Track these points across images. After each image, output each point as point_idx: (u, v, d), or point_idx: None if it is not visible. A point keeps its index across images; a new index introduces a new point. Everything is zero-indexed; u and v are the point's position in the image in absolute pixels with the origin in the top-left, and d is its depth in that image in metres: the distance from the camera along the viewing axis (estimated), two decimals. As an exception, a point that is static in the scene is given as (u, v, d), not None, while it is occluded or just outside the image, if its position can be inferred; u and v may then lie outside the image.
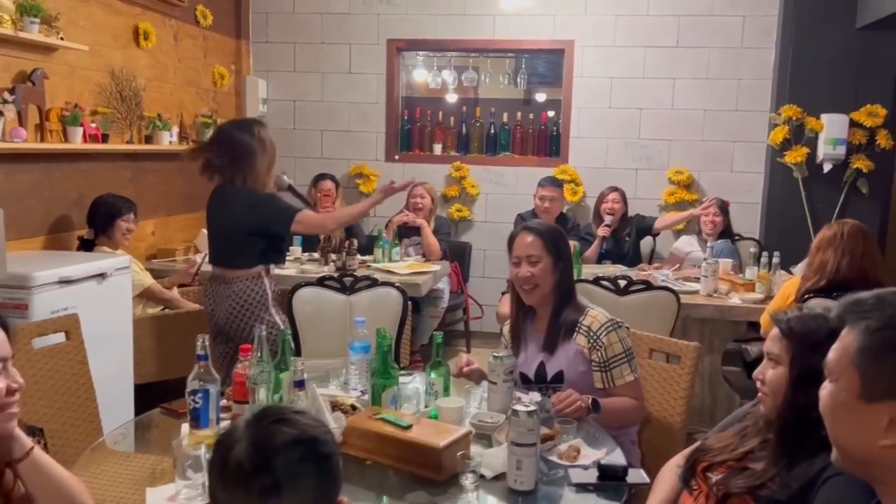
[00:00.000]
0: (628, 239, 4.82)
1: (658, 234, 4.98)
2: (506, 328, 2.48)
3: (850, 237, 2.90)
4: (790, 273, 4.17)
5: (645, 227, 4.93)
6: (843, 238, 2.89)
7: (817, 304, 2.73)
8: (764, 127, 5.14)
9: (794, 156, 4.90)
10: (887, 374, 0.99)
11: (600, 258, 4.67)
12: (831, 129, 4.81)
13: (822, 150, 4.84)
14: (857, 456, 1.06)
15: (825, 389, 1.10)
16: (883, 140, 4.77)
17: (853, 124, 4.82)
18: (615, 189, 4.87)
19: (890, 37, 4.75)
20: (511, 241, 2.35)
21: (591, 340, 2.22)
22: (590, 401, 2.07)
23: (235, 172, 2.91)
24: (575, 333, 2.25)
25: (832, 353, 1.09)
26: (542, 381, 2.28)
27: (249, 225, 2.89)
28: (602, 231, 4.71)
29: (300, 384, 1.80)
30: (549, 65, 5.82)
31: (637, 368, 2.23)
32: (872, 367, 1.01)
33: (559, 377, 2.24)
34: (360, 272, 3.94)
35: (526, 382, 2.33)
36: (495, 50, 5.64)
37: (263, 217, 2.89)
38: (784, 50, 4.96)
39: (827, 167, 4.90)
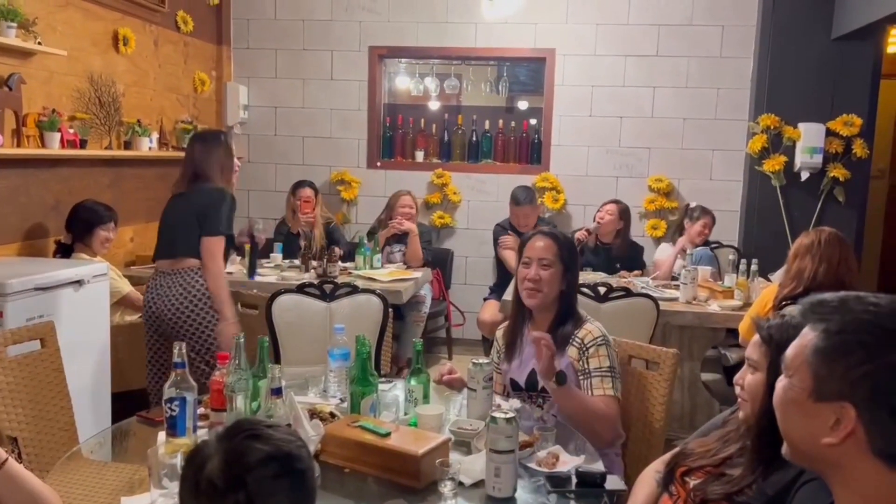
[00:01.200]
0: (618, 267, 4.62)
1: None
2: (499, 332, 2.48)
3: (827, 245, 2.93)
4: (769, 280, 4.21)
5: (639, 261, 4.81)
6: (821, 245, 2.92)
7: (794, 311, 2.75)
8: (742, 135, 5.20)
9: (773, 164, 4.96)
10: (838, 376, 1.02)
11: (582, 266, 4.65)
12: (808, 138, 4.88)
13: (800, 158, 4.91)
14: (804, 450, 1.10)
15: (780, 383, 1.13)
16: (859, 149, 4.84)
17: (830, 133, 4.89)
18: (616, 202, 4.80)
19: (865, 47, 4.83)
20: (524, 243, 2.37)
21: (581, 352, 2.22)
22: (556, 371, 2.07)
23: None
24: (568, 346, 2.25)
25: (791, 349, 1.11)
26: (532, 390, 2.29)
27: (187, 213, 3.06)
28: (580, 234, 4.68)
29: (277, 392, 1.79)
30: (531, 73, 5.85)
31: (619, 390, 2.20)
32: (825, 369, 1.04)
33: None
34: (341, 279, 3.93)
35: (516, 390, 2.33)
36: (477, 58, 5.67)
37: (209, 209, 3.04)
38: (762, 60, 5.03)
39: (804, 175, 4.96)
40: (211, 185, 3.12)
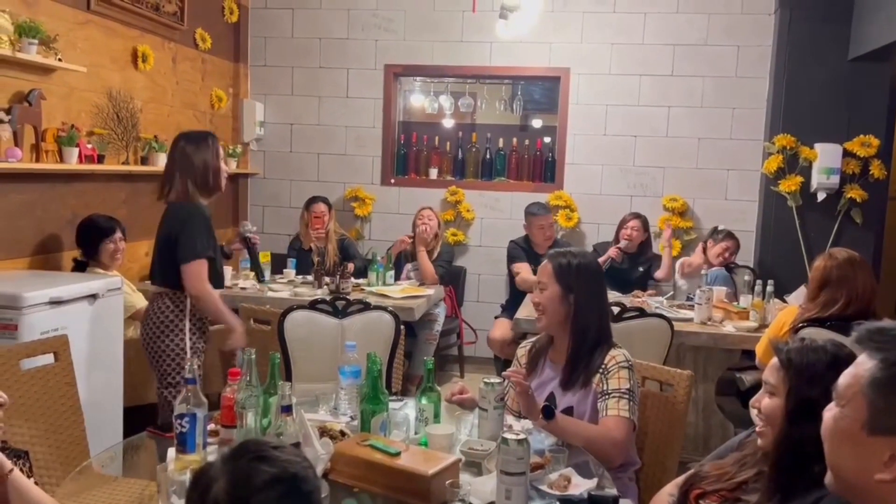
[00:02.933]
0: (640, 269, 4.84)
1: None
2: (521, 350, 2.44)
3: (861, 276, 2.88)
4: (784, 301, 4.17)
5: (652, 269, 4.96)
6: (857, 278, 2.87)
7: (812, 334, 2.72)
8: (758, 155, 5.17)
9: (788, 184, 4.92)
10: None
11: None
12: (825, 159, 4.84)
13: (816, 179, 4.87)
14: (852, 483, 1.05)
15: (830, 412, 1.08)
16: (876, 170, 4.80)
17: (846, 154, 4.85)
18: (637, 216, 4.88)
19: (881, 68, 4.80)
20: None
21: (603, 375, 2.19)
22: (542, 406, 2.04)
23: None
24: (594, 375, 2.21)
25: (844, 378, 1.07)
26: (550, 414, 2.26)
27: (163, 235, 2.96)
28: (613, 252, 4.72)
29: (287, 409, 1.78)
30: (545, 91, 5.86)
31: (635, 413, 2.15)
32: (882, 401, 1.00)
33: (568, 412, 2.20)
34: (353, 295, 3.93)
35: None
36: (492, 76, 5.69)
37: (179, 234, 2.89)
38: (777, 80, 5.01)
39: (821, 196, 4.92)
40: (182, 204, 2.94)
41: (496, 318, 4.98)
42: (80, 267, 3.69)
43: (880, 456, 0.99)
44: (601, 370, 2.20)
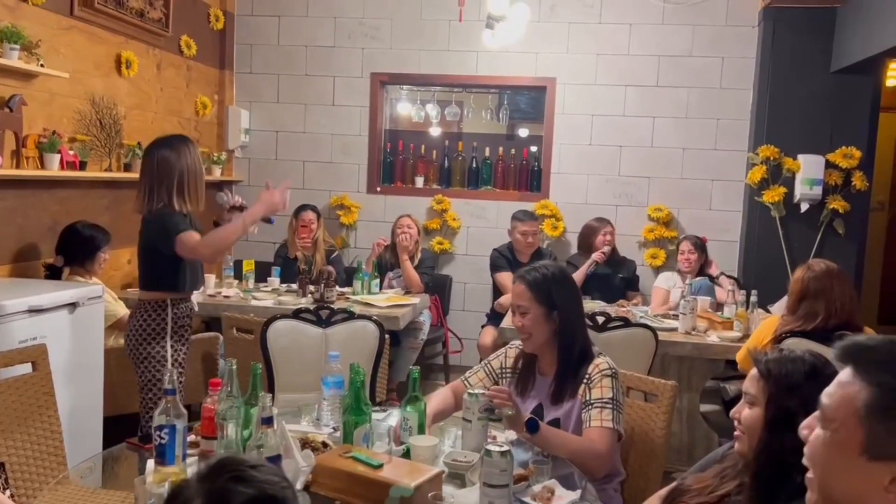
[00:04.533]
0: (621, 276, 4.87)
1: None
2: (512, 351, 2.40)
3: (839, 287, 2.90)
4: (768, 311, 4.19)
5: (635, 279, 5.01)
6: (833, 288, 2.89)
7: (794, 344, 2.73)
8: (742, 166, 5.21)
9: (772, 195, 4.96)
10: None
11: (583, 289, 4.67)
12: (808, 170, 4.88)
13: (799, 189, 4.91)
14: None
15: (818, 437, 1.05)
16: (858, 181, 4.84)
17: (829, 165, 4.89)
18: (609, 223, 4.96)
19: (863, 80, 4.85)
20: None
21: (586, 384, 2.18)
22: (526, 419, 2.02)
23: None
24: (581, 386, 2.19)
25: (830, 399, 1.04)
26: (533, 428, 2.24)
27: (142, 243, 2.93)
28: (597, 256, 4.75)
29: (268, 421, 1.76)
30: (531, 101, 5.88)
31: (620, 423, 2.12)
32: (882, 427, 0.97)
33: (555, 423, 2.19)
34: (338, 304, 3.90)
35: None
36: (478, 85, 5.70)
37: (151, 233, 2.87)
38: (761, 91, 5.05)
39: (804, 207, 4.96)
40: (158, 212, 2.87)
41: (483, 326, 4.97)
42: (54, 274, 3.63)
43: (879, 479, 0.98)
44: (586, 380, 2.19)
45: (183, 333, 2.97)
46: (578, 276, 4.60)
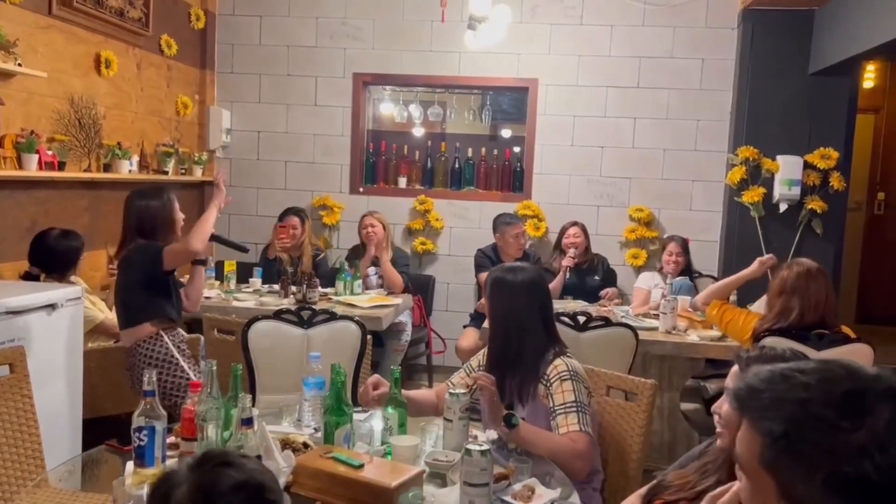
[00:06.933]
0: (597, 279, 4.87)
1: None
2: (474, 360, 2.44)
3: (814, 282, 2.95)
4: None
5: (611, 276, 5.00)
6: (809, 286, 2.95)
7: (774, 343, 2.77)
8: (722, 167, 5.25)
9: (752, 195, 5.01)
10: (801, 479, 0.95)
11: (561, 294, 4.69)
12: (786, 171, 4.94)
13: (778, 190, 4.96)
14: None
15: (744, 488, 1.05)
16: (836, 182, 4.90)
17: (807, 166, 4.95)
18: (575, 223, 4.95)
19: (840, 82, 4.92)
20: None
21: (546, 388, 2.19)
22: (504, 412, 2.03)
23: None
24: (540, 386, 2.21)
25: (740, 453, 1.03)
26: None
27: (122, 282, 3.01)
28: (566, 262, 4.75)
29: (248, 422, 1.75)
30: (514, 102, 5.89)
31: (586, 423, 2.12)
32: (784, 476, 0.97)
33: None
34: (320, 305, 3.89)
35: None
36: (461, 86, 5.70)
37: (135, 264, 2.97)
38: (741, 93, 5.10)
39: (783, 207, 5.01)
40: (130, 251, 3.01)
41: (465, 326, 4.98)
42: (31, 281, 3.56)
43: None
44: (544, 380, 2.19)
45: (188, 352, 3.04)
46: (556, 283, 4.63)
